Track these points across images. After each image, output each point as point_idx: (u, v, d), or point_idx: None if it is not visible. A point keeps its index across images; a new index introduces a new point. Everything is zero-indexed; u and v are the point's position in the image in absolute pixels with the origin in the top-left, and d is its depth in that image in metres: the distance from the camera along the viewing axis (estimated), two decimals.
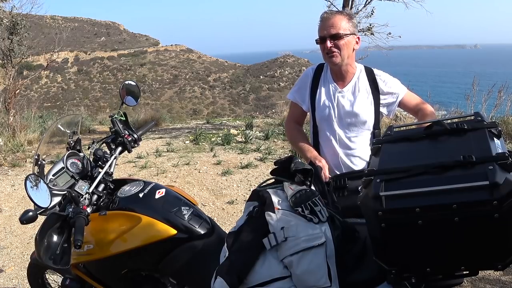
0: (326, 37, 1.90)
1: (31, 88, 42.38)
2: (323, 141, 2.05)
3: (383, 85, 2.00)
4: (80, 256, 1.64)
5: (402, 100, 2.01)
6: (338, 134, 2.00)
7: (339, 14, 1.93)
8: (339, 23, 1.89)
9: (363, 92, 1.99)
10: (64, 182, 1.74)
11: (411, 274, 1.12)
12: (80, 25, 63.61)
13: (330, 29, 1.89)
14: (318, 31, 1.96)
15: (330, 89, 2.01)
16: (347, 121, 1.99)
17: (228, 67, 53.80)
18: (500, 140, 1.20)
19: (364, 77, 2.01)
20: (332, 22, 1.90)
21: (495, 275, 2.71)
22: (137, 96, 1.98)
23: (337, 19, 1.90)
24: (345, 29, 1.90)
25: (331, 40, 1.89)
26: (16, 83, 7.64)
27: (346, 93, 1.99)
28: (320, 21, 1.96)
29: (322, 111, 2.01)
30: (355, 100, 1.97)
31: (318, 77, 2.04)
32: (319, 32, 1.95)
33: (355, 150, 2.00)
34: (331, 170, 1.99)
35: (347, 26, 1.90)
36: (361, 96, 1.98)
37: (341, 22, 1.89)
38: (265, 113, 22.00)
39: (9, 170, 5.67)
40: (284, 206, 1.31)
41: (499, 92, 6.09)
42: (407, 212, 1.03)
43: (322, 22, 1.94)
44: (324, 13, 1.96)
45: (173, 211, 1.62)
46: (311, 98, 2.04)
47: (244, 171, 5.18)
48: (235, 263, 1.26)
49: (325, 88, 2.02)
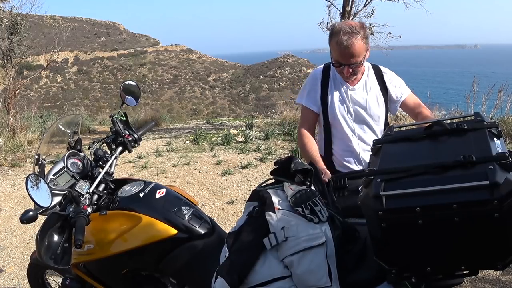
0: (345, 65, 1.86)
1: (31, 88, 42.37)
2: (338, 139, 2.05)
3: (389, 83, 2.04)
4: (81, 255, 1.64)
5: (405, 100, 2.05)
6: (355, 130, 2.01)
7: (357, 38, 1.80)
8: (358, 51, 1.81)
9: (373, 89, 2.03)
10: (65, 182, 1.74)
11: (411, 274, 1.12)
12: (80, 25, 63.59)
13: (349, 59, 1.83)
14: (334, 53, 1.86)
15: (342, 87, 2.01)
16: (362, 117, 2.01)
17: (228, 67, 53.80)
18: (500, 140, 1.20)
19: (373, 75, 2.05)
20: (353, 52, 1.81)
21: (495, 275, 2.71)
22: (138, 96, 1.99)
23: (356, 46, 1.80)
24: (363, 53, 1.84)
25: (351, 67, 1.86)
26: (16, 83, 7.64)
27: (358, 90, 2.01)
28: (335, 45, 1.83)
29: (336, 110, 2.01)
30: (368, 96, 2.01)
31: (327, 77, 2.04)
32: (337, 56, 1.86)
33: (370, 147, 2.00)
34: (344, 168, 2.02)
35: (364, 48, 1.83)
36: (372, 93, 2.02)
37: (360, 49, 1.82)
38: (265, 113, 21.98)
39: (9, 170, 5.67)
40: (284, 206, 1.32)
41: (499, 92, 6.10)
42: (407, 211, 1.04)
43: (340, 50, 1.82)
44: (342, 39, 1.80)
45: (174, 211, 1.62)
46: (322, 99, 2.03)
47: (244, 171, 5.18)
48: (236, 263, 1.26)
49: (336, 87, 2.02)
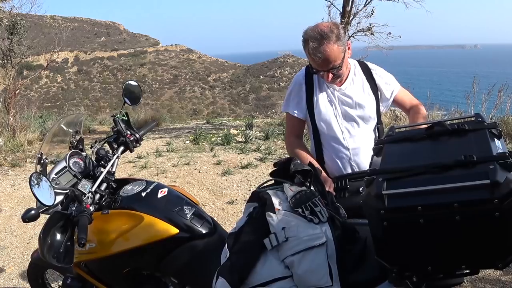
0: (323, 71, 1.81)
1: (31, 88, 42.35)
2: (328, 143, 1.98)
3: (379, 80, 1.98)
4: (82, 254, 1.64)
5: (396, 96, 2.01)
6: (344, 132, 1.94)
7: (328, 43, 1.72)
8: (333, 56, 1.74)
9: (361, 87, 1.96)
10: (67, 181, 1.74)
11: (412, 273, 1.13)
12: (80, 25, 63.57)
13: (327, 66, 1.78)
14: (311, 62, 1.82)
15: (328, 89, 1.95)
16: (352, 117, 1.94)
17: (228, 67, 53.79)
18: (501, 140, 1.21)
19: (360, 72, 1.98)
20: (326, 58, 1.74)
21: (495, 275, 2.71)
22: (139, 96, 1.99)
23: (330, 52, 1.73)
24: (339, 56, 1.76)
25: (330, 72, 1.80)
26: (16, 83, 7.63)
27: (345, 90, 1.94)
28: (308, 52, 1.77)
29: (324, 114, 1.94)
30: (356, 95, 1.94)
31: (311, 81, 1.97)
32: (314, 65, 1.81)
33: (362, 147, 1.93)
34: (338, 171, 1.95)
35: (339, 51, 1.75)
36: (360, 91, 1.95)
37: (335, 53, 1.74)
38: (265, 113, 22.00)
39: (9, 170, 5.67)
40: (284, 207, 1.32)
41: (499, 92, 6.10)
42: (409, 210, 1.04)
43: (313, 58, 1.76)
44: (312, 44, 1.74)
45: (175, 211, 1.62)
46: (308, 104, 1.97)
47: (244, 171, 5.19)
48: (237, 264, 1.27)
49: (322, 89, 1.95)
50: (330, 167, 1.99)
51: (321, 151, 2.01)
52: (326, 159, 2.00)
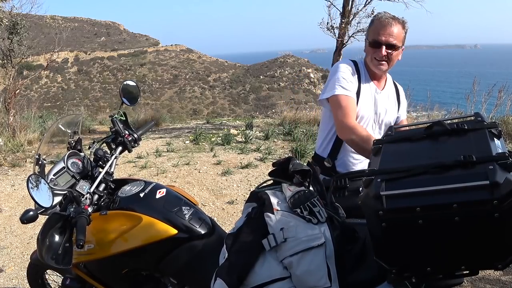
0: (382, 43, 1.86)
1: (31, 88, 42.38)
2: None
3: (402, 100, 2.13)
4: (81, 255, 1.64)
5: (402, 120, 2.13)
6: (375, 132, 2.01)
7: (399, 24, 1.87)
8: (397, 33, 1.86)
9: (394, 98, 2.08)
10: (65, 182, 1.74)
11: (411, 274, 1.12)
12: (80, 25, 63.61)
13: (389, 38, 1.85)
14: (373, 33, 1.89)
15: (370, 88, 1.99)
16: (382, 121, 2.03)
17: (228, 67, 53.80)
18: (500, 140, 1.20)
19: (392, 86, 2.10)
20: (393, 30, 1.84)
21: (495, 275, 2.71)
22: (137, 96, 1.98)
23: (398, 29, 1.86)
24: (401, 41, 1.88)
25: (387, 49, 1.86)
26: (16, 83, 7.64)
27: (383, 95, 2.02)
28: (377, 24, 1.89)
29: (363, 108, 1.96)
30: (389, 103, 2.05)
31: (359, 72, 2.00)
32: (375, 35, 1.88)
33: None
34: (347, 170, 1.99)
35: (402, 37, 1.89)
36: (391, 101, 2.07)
37: (399, 34, 1.87)
38: (265, 113, 22.00)
39: (9, 170, 5.67)
40: (283, 207, 1.31)
41: (499, 92, 6.10)
42: (407, 211, 1.03)
43: (380, 26, 1.87)
44: (385, 17, 1.87)
45: (174, 211, 1.62)
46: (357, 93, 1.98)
47: (244, 171, 5.18)
48: (235, 264, 1.26)
49: (365, 86, 1.98)
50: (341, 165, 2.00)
51: (339, 146, 2.00)
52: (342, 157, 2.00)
